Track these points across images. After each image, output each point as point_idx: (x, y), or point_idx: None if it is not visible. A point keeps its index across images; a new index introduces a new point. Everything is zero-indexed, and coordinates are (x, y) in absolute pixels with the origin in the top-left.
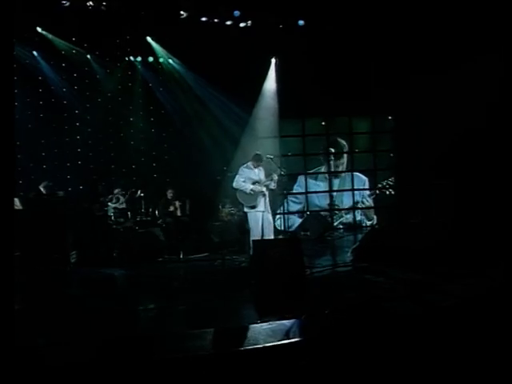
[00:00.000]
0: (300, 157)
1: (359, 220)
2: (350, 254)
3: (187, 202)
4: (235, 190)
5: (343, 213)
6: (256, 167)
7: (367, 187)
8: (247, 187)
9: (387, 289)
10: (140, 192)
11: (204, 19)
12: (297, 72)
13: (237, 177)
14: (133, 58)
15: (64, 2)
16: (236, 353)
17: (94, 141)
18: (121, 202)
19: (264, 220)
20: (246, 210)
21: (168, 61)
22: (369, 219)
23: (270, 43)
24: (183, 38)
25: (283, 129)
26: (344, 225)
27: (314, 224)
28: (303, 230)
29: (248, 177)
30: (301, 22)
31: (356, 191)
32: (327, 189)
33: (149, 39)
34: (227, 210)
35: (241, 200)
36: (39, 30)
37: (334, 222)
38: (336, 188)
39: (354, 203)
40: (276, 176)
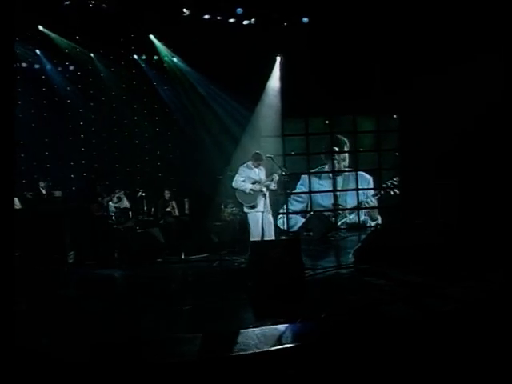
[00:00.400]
0: (303, 156)
1: (363, 220)
2: (352, 255)
3: (186, 202)
4: (235, 190)
5: (347, 213)
6: (256, 166)
7: (371, 186)
8: (246, 187)
9: (387, 292)
10: (142, 192)
11: (207, 17)
12: (301, 70)
13: (236, 176)
14: (137, 57)
15: (65, 1)
16: (225, 358)
17: (98, 140)
18: (122, 202)
19: (264, 220)
20: (246, 210)
21: (172, 59)
22: (373, 219)
23: (274, 41)
24: (186, 37)
25: (286, 127)
26: (348, 225)
27: (317, 224)
28: (306, 231)
29: (248, 176)
30: (305, 20)
31: (360, 191)
32: (331, 188)
33: (152, 37)
34: (229, 210)
35: (240, 200)
36: (41, 29)
37: (338, 222)
38: (339, 186)
39: (358, 203)
40: (277, 176)
